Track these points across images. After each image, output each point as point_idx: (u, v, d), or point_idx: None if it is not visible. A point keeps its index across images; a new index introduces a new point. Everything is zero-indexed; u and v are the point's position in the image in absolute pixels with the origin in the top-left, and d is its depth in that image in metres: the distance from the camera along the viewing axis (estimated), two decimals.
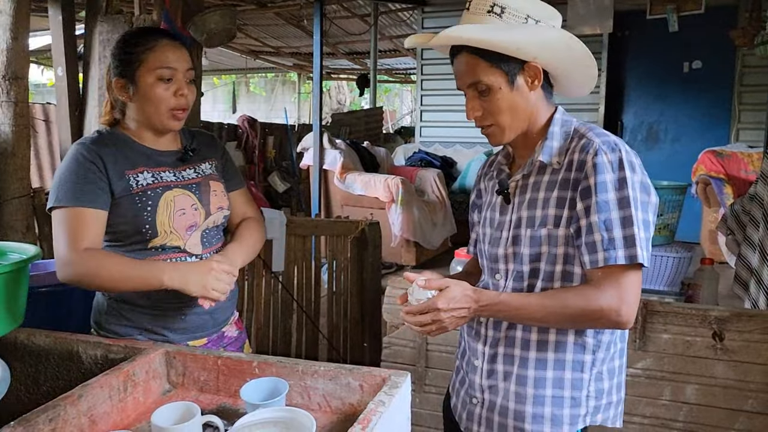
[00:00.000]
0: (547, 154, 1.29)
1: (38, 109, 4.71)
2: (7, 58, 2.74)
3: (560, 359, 1.28)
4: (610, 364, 1.31)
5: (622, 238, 1.17)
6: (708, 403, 1.95)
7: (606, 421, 1.32)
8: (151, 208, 1.52)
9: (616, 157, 1.20)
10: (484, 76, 1.27)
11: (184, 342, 1.60)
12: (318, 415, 1.25)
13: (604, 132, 1.26)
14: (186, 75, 1.56)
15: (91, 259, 1.46)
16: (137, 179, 1.54)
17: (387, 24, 9.04)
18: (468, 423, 1.40)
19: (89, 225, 1.48)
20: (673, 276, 2.21)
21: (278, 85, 17.64)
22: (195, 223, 1.59)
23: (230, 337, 1.74)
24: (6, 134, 2.79)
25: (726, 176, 5.18)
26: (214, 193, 1.65)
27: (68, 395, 1.16)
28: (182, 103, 1.55)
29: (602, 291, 1.18)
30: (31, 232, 2.96)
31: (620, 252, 1.17)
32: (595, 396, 1.29)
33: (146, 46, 1.53)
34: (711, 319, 1.93)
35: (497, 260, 1.36)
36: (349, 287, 3.16)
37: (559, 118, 1.32)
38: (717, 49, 5.96)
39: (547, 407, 1.29)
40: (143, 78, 1.52)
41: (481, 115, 1.31)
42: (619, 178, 1.19)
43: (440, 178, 5.90)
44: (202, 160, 1.68)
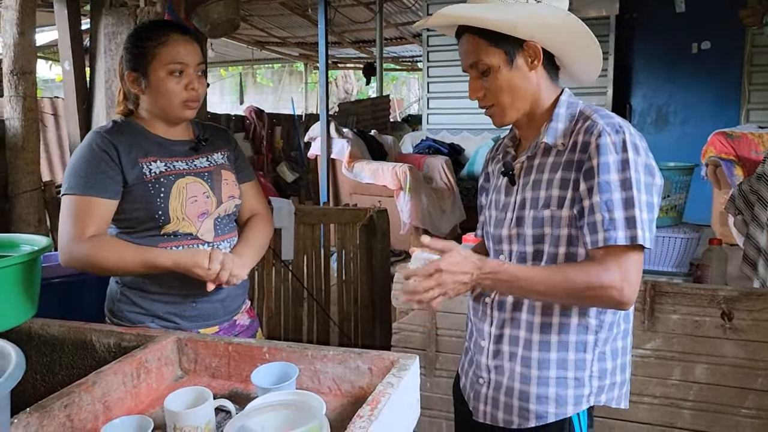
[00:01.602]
0: (551, 136, 1.29)
1: (47, 103, 4.74)
2: (14, 53, 2.77)
3: (563, 341, 1.29)
4: (613, 344, 1.31)
5: (623, 219, 1.17)
6: (717, 382, 1.96)
7: (611, 401, 1.32)
8: (164, 195, 1.55)
9: (620, 139, 1.19)
10: (485, 56, 1.27)
11: (196, 330, 1.62)
12: (328, 398, 1.26)
13: (609, 114, 1.26)
14: (197, 68, 1.59)
15: (91, 242, 1.50)
16: (150, 167, 1.57)
17: (392, 11, 9.00)
18: (475, 402, 1.41)
19: (96, 214, 1.52)
20: (681, 257, 2.21)
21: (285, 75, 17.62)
22: (206, 210, 1.61)
23: (242, 326, 1.75)
24: (15, 128, 2.82)
25: (736, 157, 5.13)
26: (225, 182, 1.67)
27: (83, 382, 1.18)
28: (193, 95, 1.59)
29: (605, 268, 1.18)
30: (43, 225, 2.99)
31: (621, 233, 1.16)
32: (598, 376, 1.30)
33: (158, 40, 1.56)
34: (720, 298, 1.93)
35: (501, 241, 1.37)
36: (359, 275, 3.18)
37: (565, 100, 1.32)
38: (726, 29, 5.89)
39: (551, 388, 1.30)
40: (155, 72, 1.56)
41: (483, 95, 1.32)
42: (622, 159, 1.18)
43: (448, 165, 5.89)
44: (215, 150, 1.71)
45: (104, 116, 3.30)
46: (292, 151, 8.59)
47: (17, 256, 1.37)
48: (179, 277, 1.55)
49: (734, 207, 2.28)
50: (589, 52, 1.29)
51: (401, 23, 9.56)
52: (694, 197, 2.73)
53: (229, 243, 1.68)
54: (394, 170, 5.28)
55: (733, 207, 2.29)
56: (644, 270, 2.61)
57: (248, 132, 8.21)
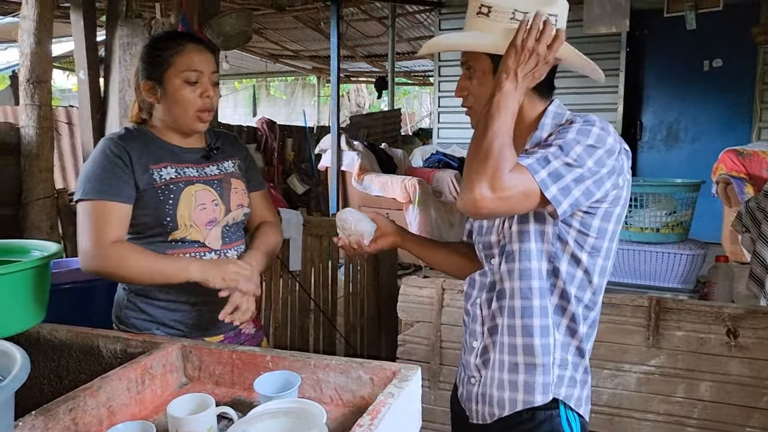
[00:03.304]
0: (535, 144, 1.30)
1: (61, 112, 4.80)
2: (31, 62, 2.82)
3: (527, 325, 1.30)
4: (567, 338, 1.32)
5: (542, 158, 1.18)
6: (722, 400, 1.94)
7: (569, 398, 1.31)
8: (173, 201, 1.56)
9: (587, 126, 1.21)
10: (474, 59, 1.32)
11: (200, 338, 1.63)
12: (330, 408, 1.27)
13: (592, 116, 1.26)
14: (211, 77, 1.60)
15: (116, 252, 1.51)
16: (161, 173, 1.58)
17: (404, 26, 9.06)
18: (469, 404, 1.42)
19: (114, 218, 1.53)
20: (687, 273, 2.20)
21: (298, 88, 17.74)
22: (214, 218, 1.62)
23: (247, 335, 1.76)
24: (30, 136, 2.86)
25: (747, 175, 5.10)
26: (234, 191, 1.68)
27: (88, 387, 1.19)
28: (208, 104, 1.60)
29: (513, 169, 1.16)
30: (55, 232, 3.03)
31: (530, 160, 1.18)
32: (559, 364, 1.30)
33: (174, 49, 1.58)
34: (725, 316, 1.93)
35: (491, 246, 1.39)
36: (366, 287, 3.19)
37: (552, 111, 1.33)
38: (737, 46, 5.88)
39: (520, 375, 1.31)
40: (170, 80, 1.57)
41: (466, 95, 1.36)
42: (576, 139, 1.19)
43: (457, 179, 5.89)
44: (226, 158, 1.72)
45: (118, 125, 3.34)
46: (303, 163, 8.63)
47: (27, 261, 1.39)
48: (185, 285, 1.56)
49: (741, 224, 2.28)
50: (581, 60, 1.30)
51: (413, 38, 9.61)
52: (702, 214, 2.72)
53: (236, 251, 1.70)
54: (404, 183, 5.29)
55: (740, 224, 2.28)
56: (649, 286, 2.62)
57: (260, 143, 8.26)
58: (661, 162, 6.54)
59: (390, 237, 1.58)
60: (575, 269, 1.30)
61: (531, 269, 1.30)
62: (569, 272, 1.30)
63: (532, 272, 1.30)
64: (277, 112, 15.67)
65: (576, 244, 1.28)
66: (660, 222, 2.28)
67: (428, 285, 2.35)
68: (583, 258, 1.28)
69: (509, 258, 1.34)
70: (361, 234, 1.53)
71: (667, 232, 2.30)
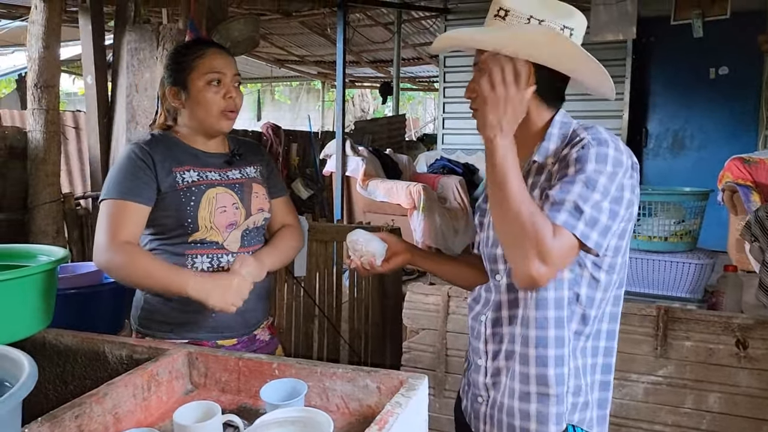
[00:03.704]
0: (542, 155, 1.29)
1: (68, 117, 4.82)
2: (38, 66, 2.83)
3: (542, 355, 1.27)
4: (584, 360, 1.30)
5: (572, 205, 1.15)
6: (731, 411, 1.93)
7: (582, 422, 1.29)
8: (194, 204, 1.60)
9: (603, 151, 1.19)
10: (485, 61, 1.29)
11: (213, 341, 1.65)
12: (336, 416, 1.26)
13: (598, 130, 1.24)
14: (233, 79, 1.65)
15: (126, 253, 1.54)
16: (183, 176, 1.62)
17: (410, 32, 9.07)
18: (476, 423, 1.40)
19: (131, 218, 1.57)
20: (696, 283, 2.18)
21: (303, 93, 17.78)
22: (235, 221, 1.65)
23: (262, 341, 1.77)
24: (37, 141, 2.87)
25: (753, 183, 5.08)
26: (255, 195, 1.71)
27: (94, 393, 1.19)
28: (231, 105, 1.65)
29: (554, 232, 1.14)
30: (61, 236, 3.03)
31: (564, 216, 1.14)
32: (573, 392, 1.28)
33: (196, 54, 1.64)
34: (734, 326, 1.91)
35: (496, 260, 1.37)
36: (371, 293, 3.18)
37: (558, 120, 1.32)
38: (744, 54, 5.87)
39: (532, 404, 1.28)
40: (194, 83, 1.62)
41: (475, 97, 1.32)
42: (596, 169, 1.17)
43: (462, 185, 5.89)
44: (248, 164, 1.76)
45: (124, 130, 3.35)
46: (308, 168, 8.63)
47: (34, 267, 1.39)
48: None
49: (750, 233, 2.26)
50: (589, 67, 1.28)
51: (419, 44, 9.62)
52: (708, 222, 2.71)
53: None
54: (409, 189, 5.28)
55: (749, 233, 2.27)
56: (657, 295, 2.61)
57: (264, 148, 8.24)
58: (666, 169, 6.52)
59: (401, 255, 1.58)
60: (594, 291, 1.28)
61: (548, 299, 1.28)
62: (589, 295, 1.28)
63: (549, 301, 1.27)
64: (282, 116, 15.70)
65: (594, 266, 1.26)
66: (668, 231, 2.27)
67: (434, 292, 2.34)
68: (602, 277, 1.27)
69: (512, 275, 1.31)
70: (373, 254, 1.53)
71: (676, 241, 2.29)
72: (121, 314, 2.32)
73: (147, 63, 3.31)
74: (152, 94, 3.26)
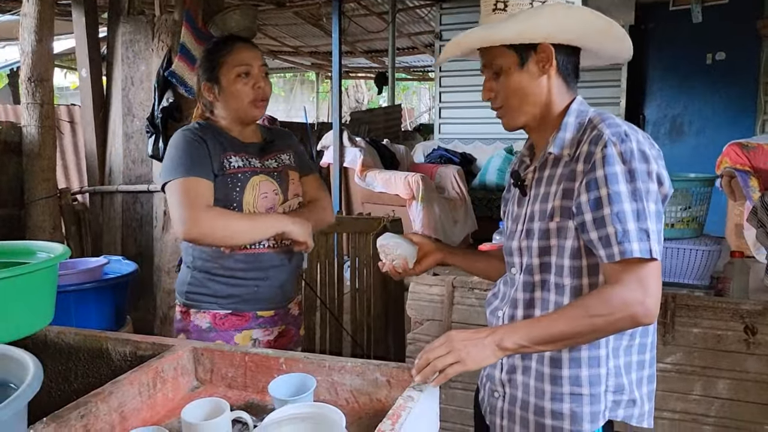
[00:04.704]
0: (558, 146, 1.26)
1: (63, 111, 4.76)
2: (32, 60, 2.78)
3: (575, 357, 1.25)
4: (628, 358, 1.27)
5: (636, 231, 1.13)
6: (740, 398, 1.92)
7: (629, 418, 1.27)
8: (240, 188, 1.73)
9: (627, 148, 1.16)
10: (497, 57, 1.27)
11: (254, 312, 1.79)
12: (346, 411, 1.24)
13: (616, 122, 1.21)
14: (260, 70, 1.79)
15: (210, 214, 1.65)
16: (230, 161, 1.75)
17: (405, 21, 9.01)
18: (492, 416, 1.39)
19: (203, 191, 1.67)
20: (703, 269, 2.16)
21: (297, 84, 17.71)
22: (273, 206, 1.79)
23: (293, 315, 1.91)
24: (32, 135, 2.83)
25: (752, 168, 5.06)
26: (292, 182, 1.86)
27: (99, 392, 1.17)
28: (260, 93, 1.78)
29: (623, 285, 1.14)
30: (58, 232, 3.00)
31: (635, 245, 1.12)
32: (614, 391, 1.25)
33: (224, 50, 1.78)
34: (742, 312, 1.90)
35: (512, 254, 1.35)
36: (372, 284, 3.16)
37: (575, 108, 1.28)
38: (741, 39, 5.85)
39: (565, 404, 1.26)
40: (225, 77, 1.76)
41: (494, 96, 1.31)
42: (629, 169, 1.15)
43: (460, 175, 5.87)
44: (282, 151, 1.89)
45: (120, 124, 3.31)
46: None
47: (34, 264, 1.37)
48: (244, 261, 1.74)
49: (756, 220, 2.25)
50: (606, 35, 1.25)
51: (414, 33, 9.57)
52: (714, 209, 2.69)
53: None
54: (407, 180, 5.26)
55: (756, 219, 2.25)
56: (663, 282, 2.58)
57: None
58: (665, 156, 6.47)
59: (433, 255, 1.58)
60: None
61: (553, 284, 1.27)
62: None
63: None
64: (276, 108, 15.62)
65: None
66: (675, 217, 2.25)
67: (438, 283, 2.32)
68: None
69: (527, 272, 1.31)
70: (404, 257, 1.52)
71: (682, 227, 2.27)
72: (123, 309, 2.30)
73: (142, 55, 3.26)
74: (148, 86, 3.22)
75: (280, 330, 1.85)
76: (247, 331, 1.78)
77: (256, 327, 1.80)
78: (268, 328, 1.82)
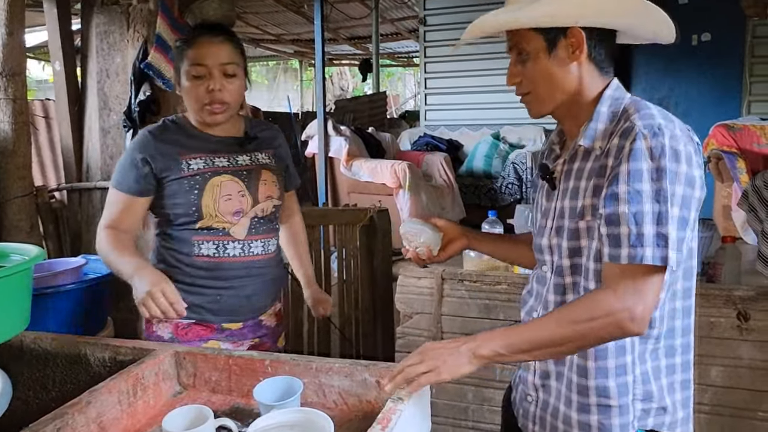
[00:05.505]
0: (589, 138, 1.17)
1: (38, 106, 4.64)
2: (3, 54, 2.69)
3: (602, 367, 1.17)
4: (655, 363, 1.19)
5: (653, 236, 1.04)
6: (734, 384, 1.90)
7: (660, 426, 1.19)
8: (198, 191, 1.61)
9: (658, 143, 1.05)
10: (524, 40, 1.18)
11: (220, 324, 1.67)
12: (334, 414, 1.21)
13: (651, 113, 1.10)
14: (221, 69, 1.60)
15: (100, 235, 1.61)
16: (189, 164, 1.63)
17: (388, 7, 8.93)
18: (524, 420, 1.33)
19: (124, 209, 1.62)
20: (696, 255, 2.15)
21: (280, 73, 17.55)
22: (241, 209, 1.65)
23: (268, 326, 1.77)
24: (6, 132, 2.75)
25: (738, 150, 5.07)
26: (263, 182, 1.70)
27: (76, 402, 1.13)
28: (216, 97, 1.60)
29: (615, 291, 1.07)
30: (35, 231, 2.92)
31: (649, 251, 1.04)
32: (642, 398, 1.18)
33: (187, 43, 1.64)
34: (735, 298, 1.88)
35: (542, 251, 1.27)
36: (360, 276, 3.12)
37: (609, 95, 1.19)
38: (726, 20, 5.84)
39: (593, 416, 1.19)
40: (183, 74, 1.63)
41: (520, 81, 1.22)
42: (657, 167, 1.05)
43: (447, 162, 5.83)
44: (261, 149, 1.75)
45: (97, 118, 3.23)
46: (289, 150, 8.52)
47: (7, 268, 1.32)
48: (205, 268, 1.63)
49: (747, 203, 2.23)
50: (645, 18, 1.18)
51: (397, 18, 9.48)
52: None
53: (262, 244, 1.70)
54: (393, 168, 5.21)
55: (747, 203, 2.23)
56: None
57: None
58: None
59: (458, 241, 1.50)
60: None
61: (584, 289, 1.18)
62: None
63: None
64: (259, 97, 15.48)
65: None
66: None
67: (427, 275, 2.29)
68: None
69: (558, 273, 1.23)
70: (427, 244, 1.46)
71: None
72: (103, 311, 2.24)
73: (118, 47, 3.17)
74: (125, 79, 3.13)
75: (253, 343, 1.73)
76: (213, 342, 1.67)
77: (224, 339, 1.68)
78: (238, 341, 1.70)
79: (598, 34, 1.17)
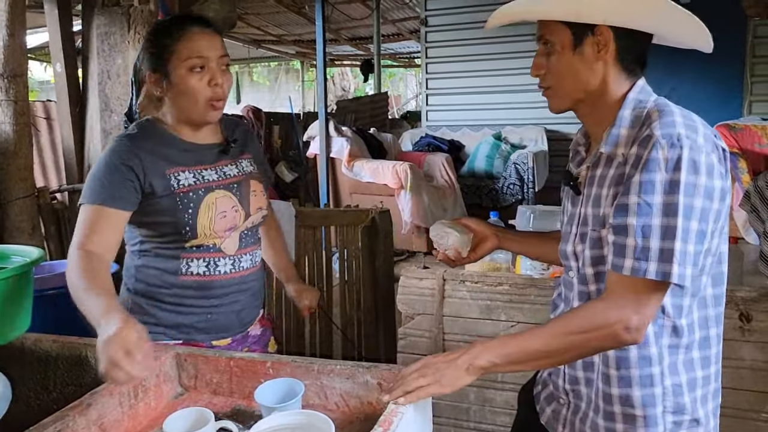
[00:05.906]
0: (611, 144, 1.13)
1: (39, 107, 4.65)
2: (4, 55, 2.70)
3: (624, 376, 1.15)
4: (691, 374, 1.16)
5: (658, 250, 1.02)
6: (736, 386, 1.89)
7: None
8: (192, 211, 1.49)
9: (675, 155, 1.02)
10: (550, 32, 1.16)
11: (209, 342, 1.57)
12: (336, 416, 1.21)
13: (673, 120, 1.06)
14: (219, 62, 1.50)
15: (74, 258, 1.38)
16: (178, 179, 1.50)
17: (389, 7, 8.94)
18: (553, 422, 1.31)
19: (105, 224, 1.43)
20: None
21: (282, 73, 17.56)
22: (234, 225, 1.56)
23: (254, 336, 1.70)
24: (7, 134, 2.75)
25: (740, 150, 5.06)
26: (253, 194, 1.62)
27: (77, 404, 1.13)
28: (219, 93, 1.49)
29: (615, 301, 1.06)
30: (37, 233, 2.93)
31: (652, 265, 1.02)
32: (673, 411, 1.15)
33: (175, 36, 1.48)
34: (737, 299, 1.87)
35: (567, 257, 1.25)
36: (362, 276, 3.11)
37: (633, 99, 1.15)
38: (727, 20, 5.81)
39: (618, 424, 1.17)
40: (176, 71, 1.47)
41: (543, 74, 1.20)
42: (671, 179, 1.02)
43: (449, 163, 5.84)
44: (243, 155, 1.66)
45: (98, 119, 3.24)
46: (291, 151, 8.51)
47: (8, 269, 1.32)
48: (194, 287, 1.52)
49: (749, 204, 2.23)
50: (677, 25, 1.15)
51: (398, 19, 9.49)
52: None
53: (251, 257, 1.62)
54: (395, 169, 5.22)
55: (749, 204, 2.23)
56: None
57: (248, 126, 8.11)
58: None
59: (489, 241, 1.49)
60: (680, 299, 1.12)
61: None
62: (675, 304, 1.12)
63: None
64: (261, 98, 15.49)
65: None
66: None
67: (428, 276, 2.28)
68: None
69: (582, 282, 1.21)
70: (457, 246, 1.46)
71: None
72: None
73: (119, 48, 3.18)
74: (126, 80, 3.14)
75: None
76: None
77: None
78: None
79: (627, 36, 1.13)
